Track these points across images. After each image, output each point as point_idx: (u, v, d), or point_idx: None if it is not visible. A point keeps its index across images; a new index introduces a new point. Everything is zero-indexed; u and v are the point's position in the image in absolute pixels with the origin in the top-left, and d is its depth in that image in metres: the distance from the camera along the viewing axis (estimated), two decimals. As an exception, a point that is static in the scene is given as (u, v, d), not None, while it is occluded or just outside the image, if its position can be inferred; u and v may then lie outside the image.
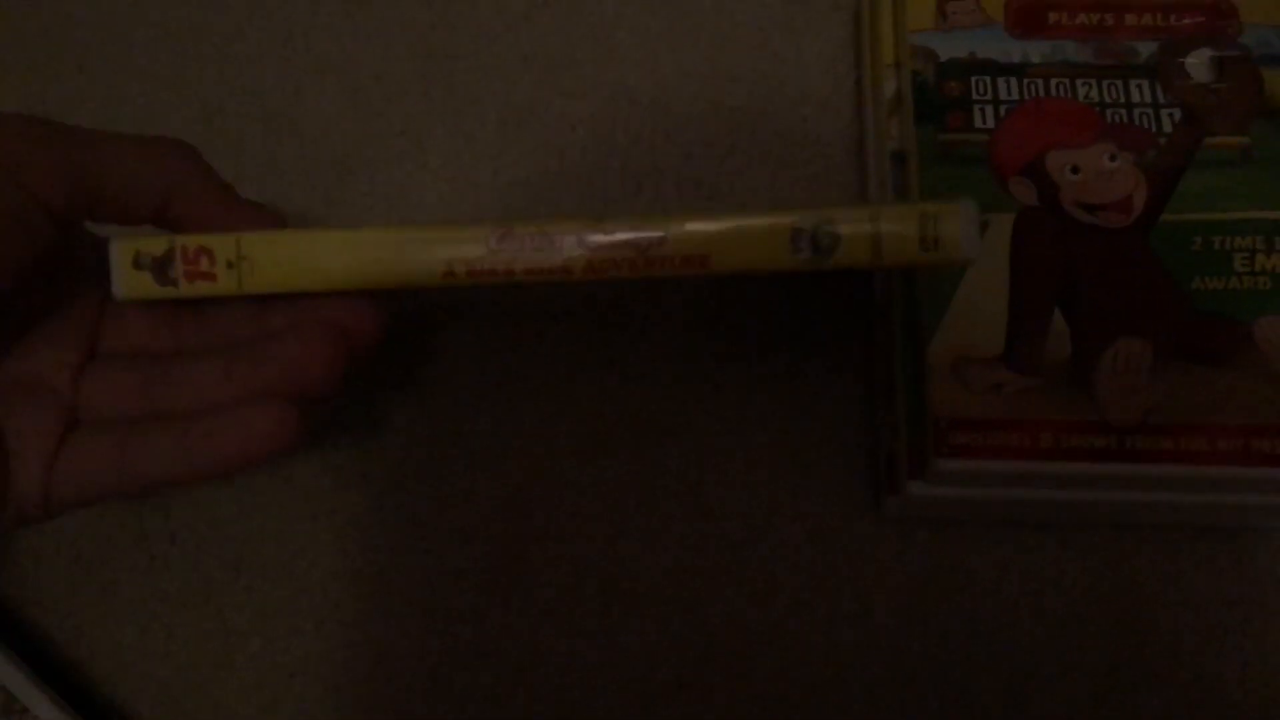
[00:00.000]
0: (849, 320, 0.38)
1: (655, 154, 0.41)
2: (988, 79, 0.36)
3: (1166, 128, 0.36)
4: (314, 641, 0.36)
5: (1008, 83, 0.36)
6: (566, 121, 0.41)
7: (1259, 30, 0.37)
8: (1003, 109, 0.36)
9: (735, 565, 0.36)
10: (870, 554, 0.36)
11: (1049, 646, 0.35)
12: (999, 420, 0.33)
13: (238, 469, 0.27)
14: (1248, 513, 0.35)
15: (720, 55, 0.42)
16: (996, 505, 0.35)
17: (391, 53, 0.43)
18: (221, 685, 0.36)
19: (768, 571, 0.36)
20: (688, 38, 0.42)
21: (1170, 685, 0.35)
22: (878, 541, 0.36)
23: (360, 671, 0.36)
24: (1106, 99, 0.36)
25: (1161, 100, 0.36)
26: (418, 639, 0.36)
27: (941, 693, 0.35)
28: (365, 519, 0.37)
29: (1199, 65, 0.36)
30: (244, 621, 0.36)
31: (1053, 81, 0.36)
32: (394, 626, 0.36)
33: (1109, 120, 0.36)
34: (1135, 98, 0.36)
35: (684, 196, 0.40)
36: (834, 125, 0.41)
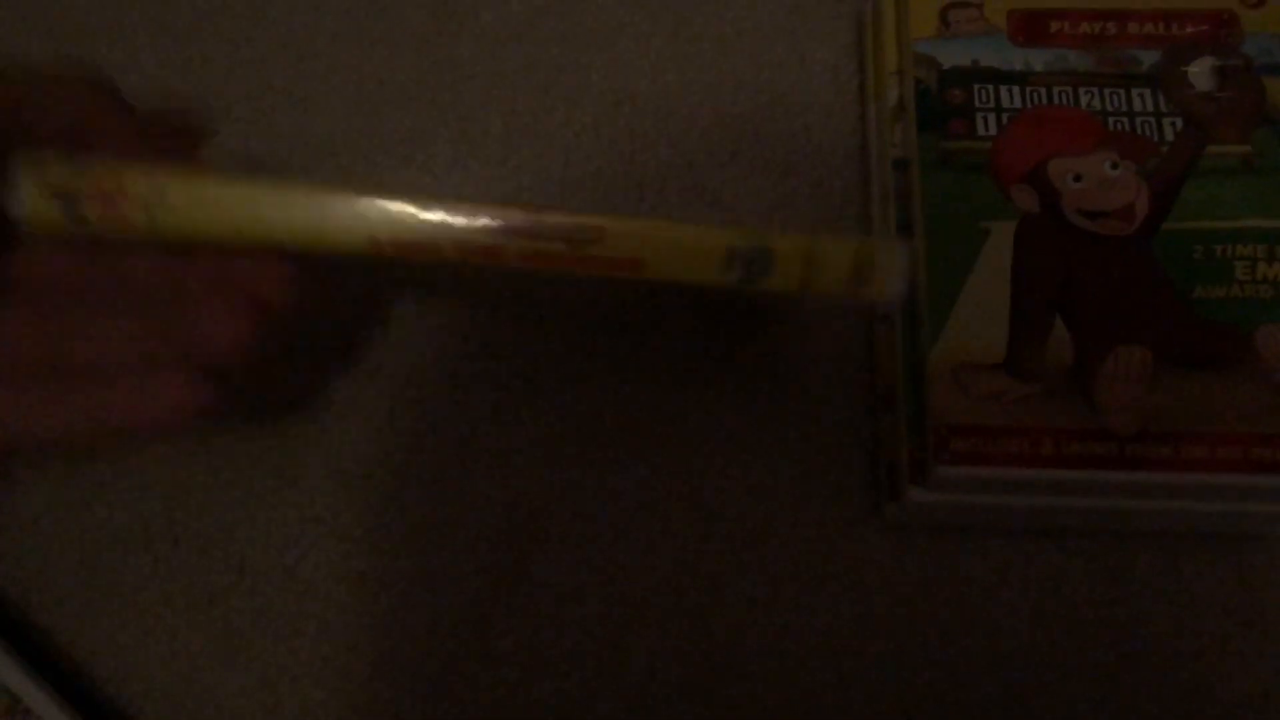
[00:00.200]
0: (850, 326, 0.38)
1: (658, 161, 0.41)
2: (990, 87, 0.37)
3: (1168, 136, 0.36)
4: (317, 644, 0.36)
5: (1010, 91, 0.37)
6: (570, 128, 0.42)
7: (1260, 39, 0.37)
8: (1005, 117, 0.36)
9: (737, 570, 0.36)
10: (871, 560, 0.36)
11: (1049, 653, 0.35)
12: (1000, 427, 0.33)
13: (144, 436, 0.25)
14: (1248, 520, 0.35)
15: (723, 63, 0.42)
16: (997, 512, 0.35)
17: (396, 60, 0.43)
18: (225, 687, 0.36)
19: (769, 577, 0.36)
20: (690, 45, 0.43)
21: (1170, 692, 0.35)
22: (878, 548, 0.36)
23: (363, 674, 0.36)
24: (1109, 107, 0.36)
25: (1163, 109, 0.36)
26: (421, 642, 0.36)
27: (942, 699, 0.35)
28: (368, 522, 0.37)
29: (1201, 74, 0.36)
30: (247, 624, 0.36)
31: (1055, 90, 0.37)
32: (397, 629, 0.36)
33: (1111, 128, 0.36)
34: (1137, 106, 0.36)
35: (687, 203, 0.40)
36: (836, 132, 0.41)
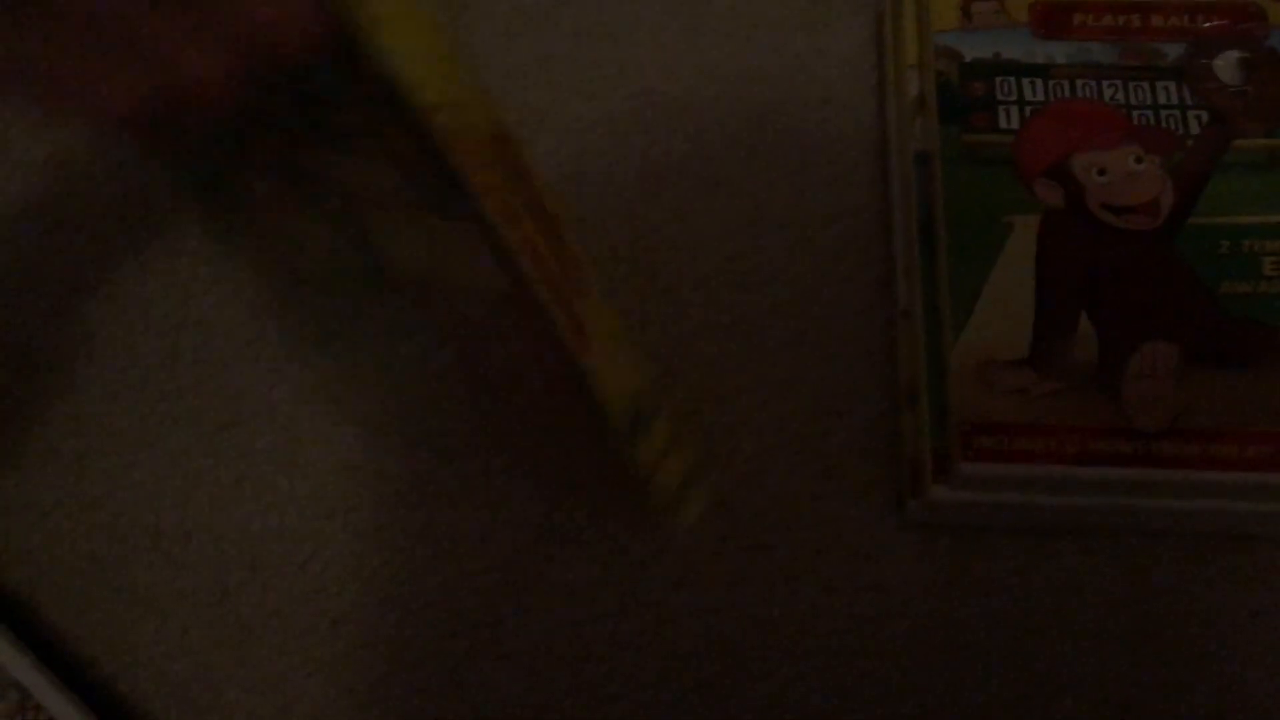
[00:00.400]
0: (872, 323, 0.38)
1: (675, 155, 0.40)
2: (1012, 79, 0.36)
3: (1193, 130, 0.35)
4: (330, 641, 0.36)
5: (1033, 83, 0.36)
6: (585, 122, 0.41)
7: (1288, 32, 0.36)
8: (1027, 110, 0.36)
9: (756, 567, 0.36)
10: (892, 558, 0.36)
11: (1071, 655, 0.35)
12: (1023, 424, 0.32)
13: (194, 109, 0.23)
14: (1276, 520, 0.34)
15: (740, 56, 0.42)
16: (1020, 510, 0.35)
17: (411, 52, 0.43)
18: (237, 684, 0.36)
19: (789, 574, 0.36)
20: (708, 38, 0.42)
21: (1194, 695, 0.34)
22: (899, 546, 0.36)
23: (376, 671, 0.36)
24: (1132, 101, 0.36)
25: (1189, 102, 0.36)
26: (434, 639, 0.36)
27: (962, 698, 0.35)
28: (381, 518, 0.37)
29: (1226, 67, 0.36)
30: (259, 620, 0.36)
31: (1078, 82, 0.36)
32: (410, 626, 0.36)
33: (1135, 122, 0.36)
34: (1162, 99, 0.36)
35: (705, 198, 0.40)
36: (855, 126, 0.40)
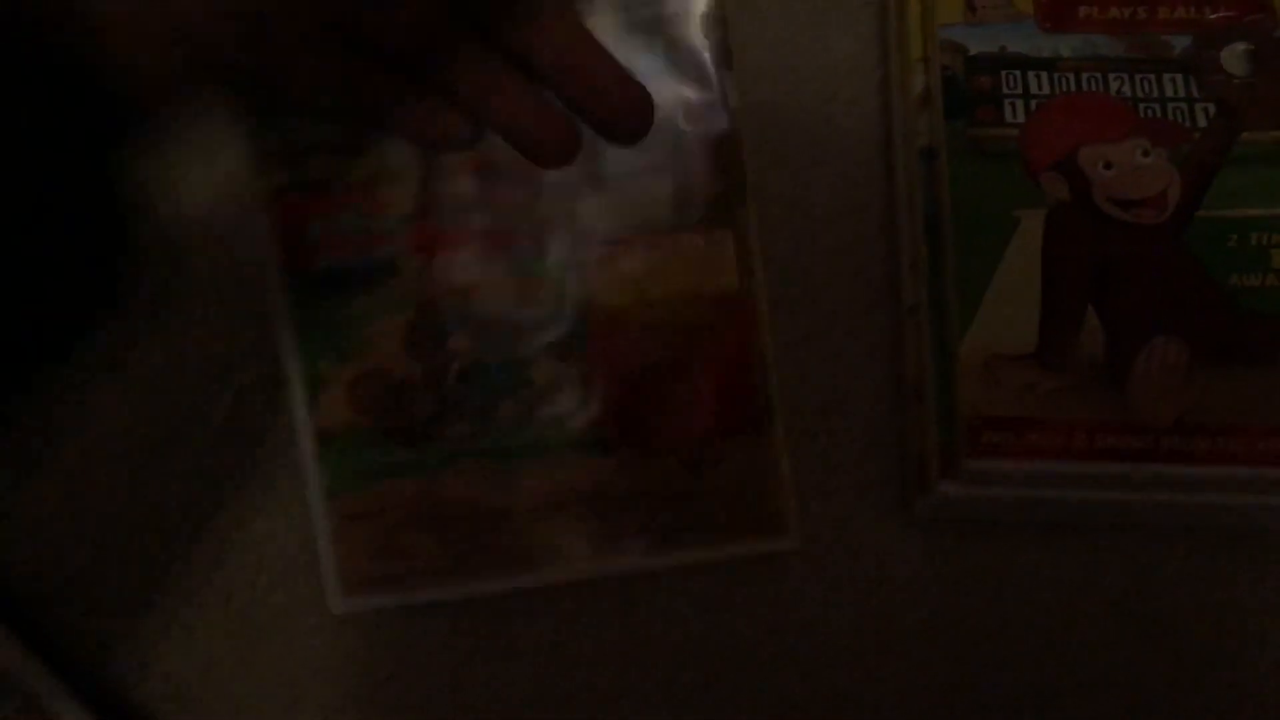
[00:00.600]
0: (878, 318, 0.38)
1: (679, 151, 0.40)
2: (1018, 73, 0.36)
3: (1201, 123, 0.35)
4: (337, 641, 0.36)
5: (1038, 77, 0.36)
6: (589, 118, 0.41)
7: (1296, 23, 0.36)
8: (1033, 103, 0.36)
9: (761, 565, 0.36)
10: (898, 555, 0.36)
11: (1080, 653, 0.35)
12: (1031, 420, 0.32)
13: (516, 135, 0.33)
14: (1286, 515, 0.34)
15: (743, 50, 0.41)
16: (1027, 506, 0.34)
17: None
18: (243, 685, 0.36)
19: (795, 572, 0.36)
20: (711, 34, 0.42)
21: (1205, 694, 0.34)
22: (906, 543, 0.36)
23: (383, 672, 0.36)
24: (1139, 93, 0.36)
25: (1196, 94, 0.35)
26: (441, 639, 0.36)
27: (970, 697, 0.35)
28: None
29: (1234, 59, 0.36)
30: (266, 620, 0.36)
31: (1084, 76, 0.36)
32: (417, 626, 0.36)
33: (1142, 115, 0.35)
34: (1169, 92, 0.35)
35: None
36: (860, 121, 0.40)
